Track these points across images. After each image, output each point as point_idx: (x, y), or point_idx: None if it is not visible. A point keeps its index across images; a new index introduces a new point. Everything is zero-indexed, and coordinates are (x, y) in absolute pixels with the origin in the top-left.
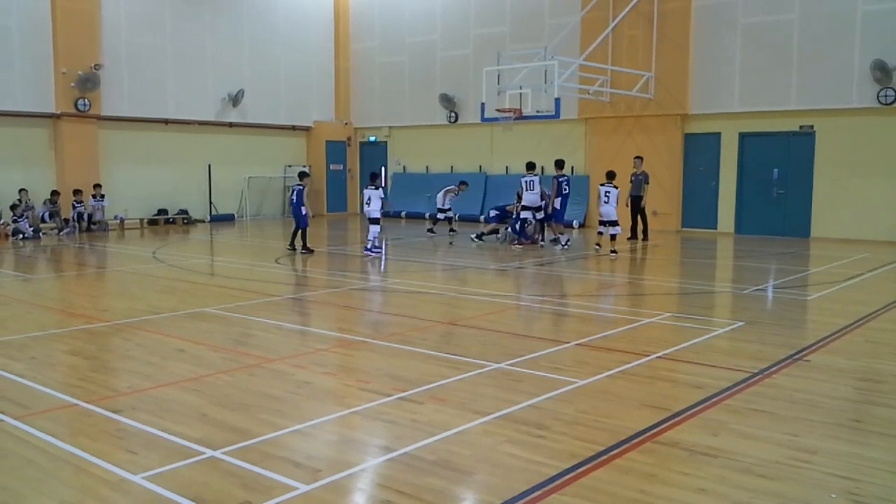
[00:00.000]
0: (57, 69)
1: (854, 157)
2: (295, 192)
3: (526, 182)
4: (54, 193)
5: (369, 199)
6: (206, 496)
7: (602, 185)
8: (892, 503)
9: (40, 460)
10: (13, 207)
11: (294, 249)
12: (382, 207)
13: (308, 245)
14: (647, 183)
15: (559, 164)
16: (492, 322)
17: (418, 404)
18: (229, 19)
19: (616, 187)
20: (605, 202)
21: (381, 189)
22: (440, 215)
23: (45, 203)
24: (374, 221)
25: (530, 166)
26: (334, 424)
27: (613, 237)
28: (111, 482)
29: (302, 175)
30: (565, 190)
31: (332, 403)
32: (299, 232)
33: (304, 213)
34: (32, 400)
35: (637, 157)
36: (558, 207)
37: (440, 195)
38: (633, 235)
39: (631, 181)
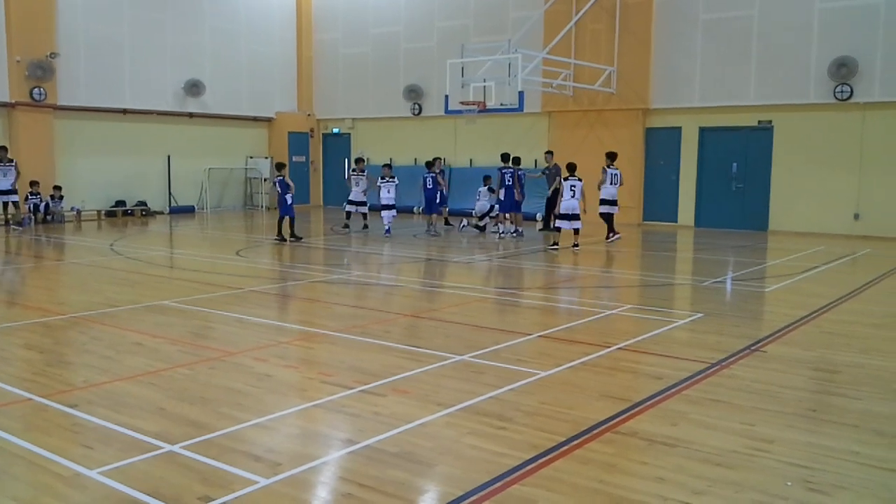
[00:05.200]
0: (11, 57)
1: (811, 152)
2: (279, 183)
3: (611, 175)
4: None
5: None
6: (163, 491)
7: (567, 178)
8: (846, 490)
9: None
10: None
11: (283, 240)
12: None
13: (296, 233)
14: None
15: (504, 157)
16: (455, 314)
17: (380, 397)
18: (189, 7)
19: (580, 179)
20: (571, 196)
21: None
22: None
23: None
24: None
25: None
26: (295, 417)
27: (577, 231)
28: (66, 477)
29: (279, 165)
30: (508, 181)
31: (293, 396)
32: (286, 221)
33: (289, 202)
34: None
35: (548, 152)
36: (502, 199)
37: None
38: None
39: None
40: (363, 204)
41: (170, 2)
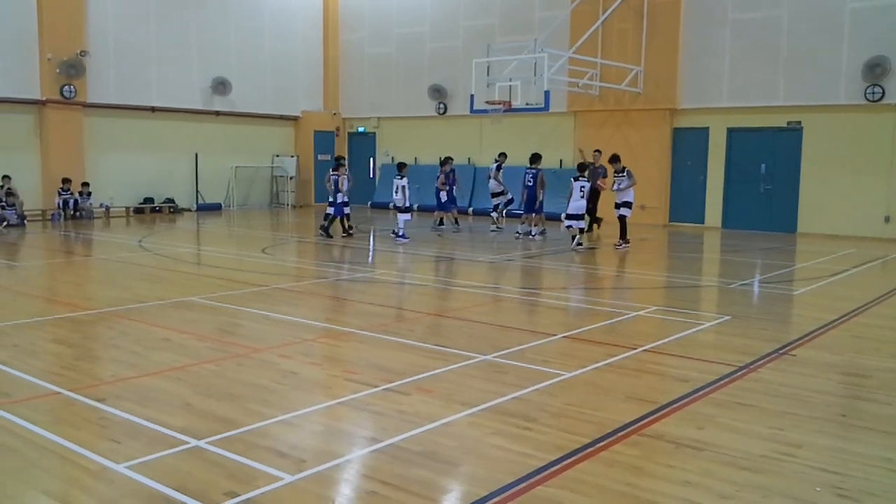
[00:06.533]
0: (42, 55)
1: (841, 154)
2: (335, 182)
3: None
4: (5, 178)
5: (396, 188)
6: (189, 486)
7: (577, 179)
8: (877, 497)
9: (22, 449)
10: (7, 195)
11: (348, 234)
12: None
13: (328, 230)
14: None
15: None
16: (479, 314)
17: (405, 395)
18: (216, 7)
19: (588, 180)
20: (580, 197)
21: (404, 178)
22: (496, 200)
23: None
24: (400, 210)
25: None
26: (320, 415)
27: (583, 231)
28: (94, 471)
29: (339, 163)
30: (529, 182)
31: (318, 394)
32: (342, 217)
33: (339, 200)
34: (15, 388)
35: (596, 151)
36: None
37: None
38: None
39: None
40: (346, 205)
41: (196, 1)
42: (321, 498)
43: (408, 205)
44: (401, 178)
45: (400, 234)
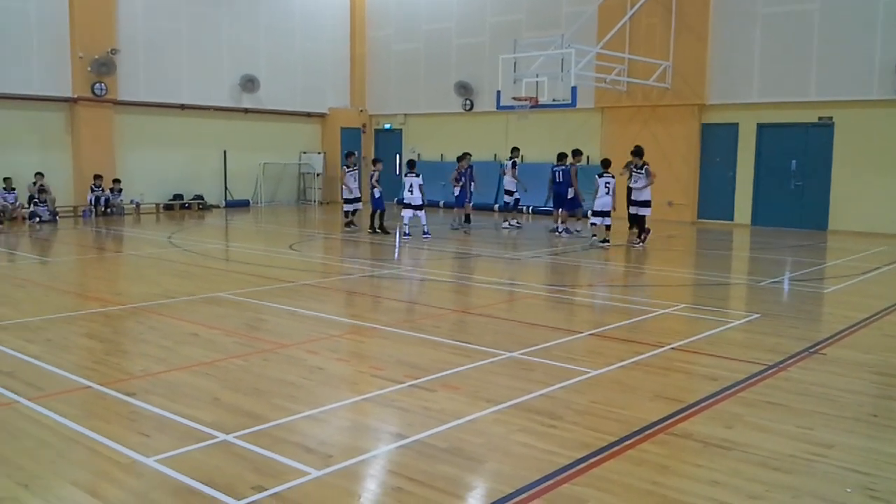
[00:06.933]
0: (74, 53)
1: (873, 150)
2: (374, 178)
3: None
4: (37, 175)
5: (410, 186)
6: (217, 480)
7: (601, 175)
8: None
9: (54, 441)
10: (40, 192)
11: (375, 231)
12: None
13: (384, 226)
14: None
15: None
16: (505, 311)
17: (430, 392)
18: (245, 5)
19: (613, 176)
20: (606, 193)
21: (420, 176)
22: (507, 198)
23: (29, 187)
24: (419, 208)
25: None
26: (347, 410)
27: (609, 227)
28: (124, 464)
29: (375, 161)
30: (560, 179)
31: (344, 389)
32: (377, 213)
33: (377, 195)
34: (47, 381)
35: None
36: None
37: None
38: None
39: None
40: (358, 200)
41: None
42: (347, 493)
43: (423, 202)
44: (416, 176)
45: (425, 230)
